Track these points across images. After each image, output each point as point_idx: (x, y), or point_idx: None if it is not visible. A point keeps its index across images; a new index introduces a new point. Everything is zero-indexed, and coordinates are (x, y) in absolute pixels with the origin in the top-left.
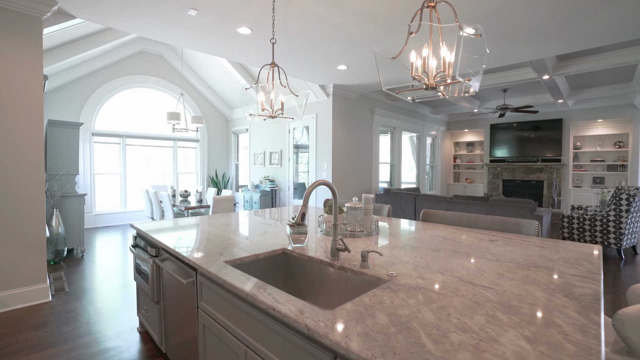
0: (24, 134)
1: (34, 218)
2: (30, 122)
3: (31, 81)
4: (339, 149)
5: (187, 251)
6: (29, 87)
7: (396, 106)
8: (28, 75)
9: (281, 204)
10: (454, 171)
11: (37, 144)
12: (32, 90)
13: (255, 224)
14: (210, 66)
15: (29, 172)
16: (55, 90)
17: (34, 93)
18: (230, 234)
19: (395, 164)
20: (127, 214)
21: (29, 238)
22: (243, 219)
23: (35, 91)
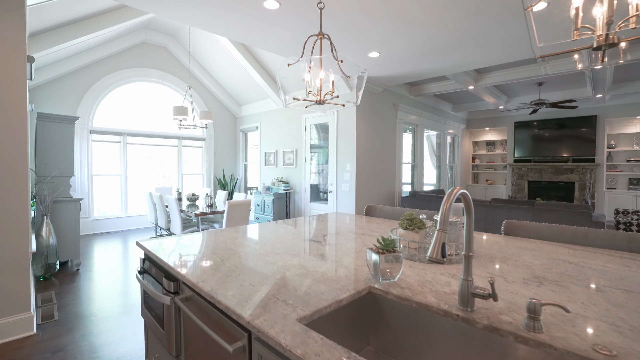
0: (1, 127)
1: (15, 232)
2: (9, 111)
3: (11, 59)
4: (363, 147)
5: (228, 294)
6: (7, 67)
7: (419, 102)
8: (6, 51)
9: (296, 207)
10: (472, 172)
11: (18, 139)
12: (12, 71)
13: (299, 241)
14: (218, 59)
15: (8, 175)
16: (49, 84)
17: (14, 75)
18: (277, 259)
19: (418, 164)
20: (128, 219)
21: (8, 257)
22: (280, 234)
23: (17, 72)
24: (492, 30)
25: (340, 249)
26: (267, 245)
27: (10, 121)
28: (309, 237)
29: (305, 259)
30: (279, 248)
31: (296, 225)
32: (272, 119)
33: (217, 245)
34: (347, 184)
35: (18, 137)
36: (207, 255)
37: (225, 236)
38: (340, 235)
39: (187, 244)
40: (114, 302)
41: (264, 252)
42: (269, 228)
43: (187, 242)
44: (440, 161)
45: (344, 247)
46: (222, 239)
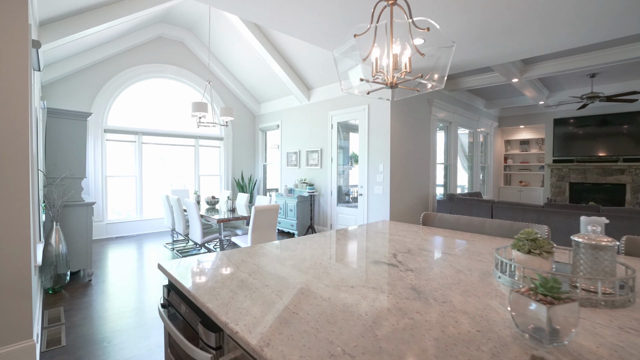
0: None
1: (13, 245)
2: (9, 102)
3: (7, 40)
4: (397, 147)
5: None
6: (6, 49)
7: (452, 97)
8: (5, 31)
9: (322, 211)
10: (504, 173)
11: (18, 136)
12: (12, 54)
13: (368, 264)
14: (237, 54)
15: (7, 177)
16: (62, 80)
17: (15, 59)
18: (357, 296)
19: (451, 164)
20: (143, 222)
21: (4, 275)
22: (337, 252)
23: (15, 56)
24: (563, 7)
25: (432, 279)
26: (329, 270)
27: (10, 115)
28: (376, 257)
29: (396, 295)
30: (348, 275)
31: (346, 239)
32: (294, 117)
33: (263, 271)
34: (379, 187)
35: (17, 134)
36: (258, 288)
37: (268, 257)
38: (416, 255)
39: (223, 268)
40: (129, 322)
41: (332, 283)
42: (317, 243)
43: (223, 264)
44: (473, 161)
45: (435, 275)
46: (266, 260)
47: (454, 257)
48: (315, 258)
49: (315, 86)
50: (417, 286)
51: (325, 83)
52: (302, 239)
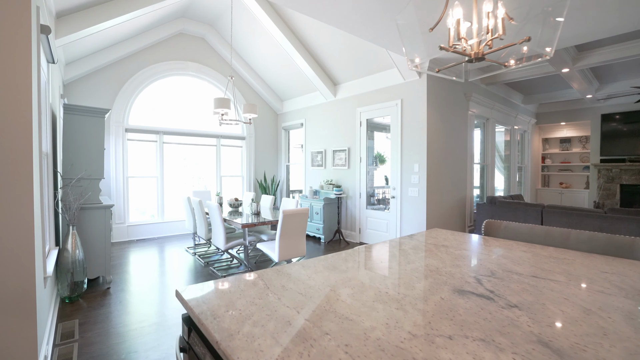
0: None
1: (14, 257)
2: (7, 94)
3: (8, 22)
4: (434, 145)
5: None
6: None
7: (489, 91)
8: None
9: (350, 215)
10: (542, 173)
11: (21, 132)
12: (11, 38)
13: (450, 294)
14: (259, 49)
15: (9, 178)
16: (82, 79)
17: (15, 44)
18: (464, 356)
19: (489, 165)
20: (164, 225)
21: (8, 295)
22: (405, 274)
23: (19, 40)
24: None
25: (558, 325)
26: (404, 305)
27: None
28: (455, 282)
29: (523, 356)
30: (434, 314)
31: (403, 254)
32: (319, 114)
33: (316, 305)
34: (414, 189)
35: (17, 130)
36: (316, 339)
37: (316, 281)
38: (507, 280)
39: (261, 300)
40: (147, 341)
41: (418, 329)
42: (370, 261)
43: (259, 294)
44: (511, 161)
45: (556, 317)
46: (315, 288)
47: (559, 284)
48: (376, 284)
49: (341, 81)
50: (544, 338)
51: (353, 78)
52: (349, 254)
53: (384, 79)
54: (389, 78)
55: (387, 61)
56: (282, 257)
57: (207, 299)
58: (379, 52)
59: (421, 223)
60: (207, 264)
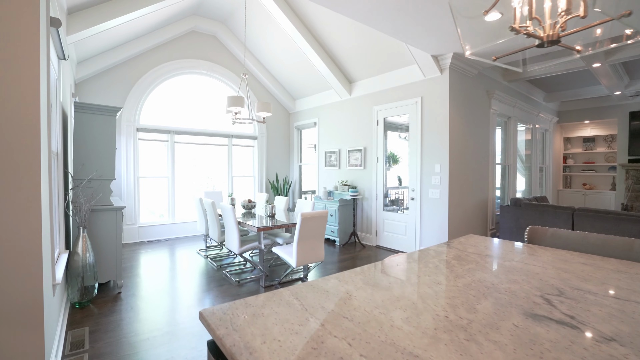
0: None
1: (20, 266)
2: (13, 89)
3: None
4: (456, 145)
5: None
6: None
7: (511, 89)
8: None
9: (366, 217)
10: (564, 174)
11: (28, 130)
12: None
13: (526, 321)
14: (272, 46)
15: (9, 181)
16: (94, 78)
17: (25, 31)
18: None
19: (510, 165)
20: (175, 226)
21: (8, 304)
22: (464, 292)
23: (28, 28)
24: None
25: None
26: (475, 335)
27: (9, 104)
28: (521, 303)
29: None
30: (517, 349)
31: (448, 266)
32: (333, 113)
33: (368, 334)
34: (435, 190)
35: (24, 128)
36: None
37: (359, 300)
38: (581, 301)
39: (301, 326)
40: (159, 353)
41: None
42: (413, 274)
43: (296, 316)
44: (532, 162)
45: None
46: (359, 309)
47: None
48: (431, 305)
49: (357, 79)
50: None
51: (369, 75)
52: (387, 265)
53: (403, 76)
54: (408, 75)
55: (406, 57)
56: (299, 263)
57: (238, 326)
58: (398, 48)
59: (442, 227)
60: (220, 268)
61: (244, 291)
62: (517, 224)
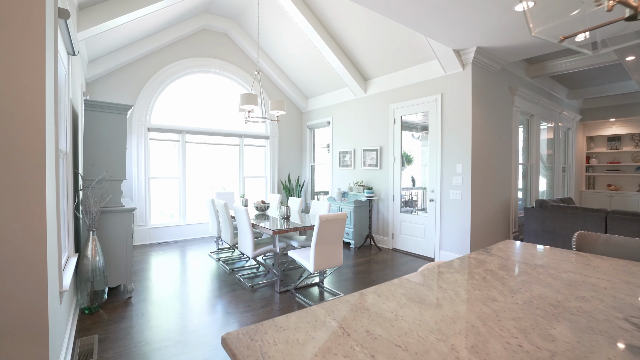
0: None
1: (27, 275)
2: (19, 82)
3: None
4: (479, 144)
5: None
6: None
7: (534, 85)
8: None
9: (382, 219)
10: (587, 174)
11: (33, 124)
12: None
13: None
14: (285, 44)
15: (12, 182)
16: (105, 77)
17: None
18: None
19: (533, 165)
20: (186, 227)
21: (16, 316)
22: (549, 307)
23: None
24: None
25: None
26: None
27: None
28: (605, 328)
29: None
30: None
31: (498, 279)
32: (347, 112)
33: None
34: (457, 191)
35: (30, 125)
36: None
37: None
38: None
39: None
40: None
41: None
42: (462, 288)
43: (340, 350)
44: (554, 161)
45: None
46: (411, 334)
47: None
48: (495, 329)
49: (373, 76)
50: None
51: (386, 72)
52: (427, 276)
53: (422, 73)
54: (427, 71)
55: (425, 52)
56: (317, 268)
57: (271, 357)
58: (417, 43)
59: (464, 229)
60: (232, 271)
61: (257, 297)
62: (542, 227)
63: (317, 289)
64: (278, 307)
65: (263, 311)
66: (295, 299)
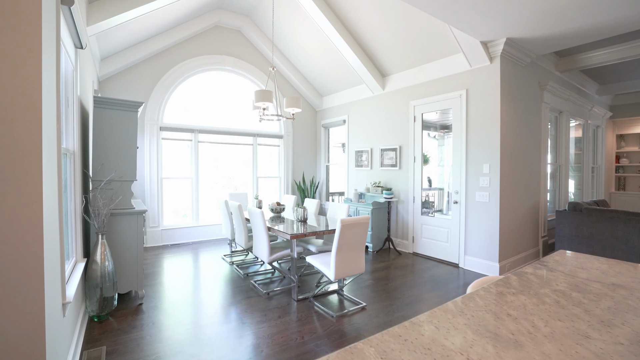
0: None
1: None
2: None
3: None
4: (508, 143)
5: None
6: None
7: (563, 79)
8: None
9: (402, 222)
10: (616, 175)
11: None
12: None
13: None
14: (299, 40)
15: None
16: (116, 76)
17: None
18: None
19: (562, 165)
20: (199, 229)
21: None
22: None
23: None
24: None
25: None
26: None
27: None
28: None
29: None
30: None
31: (580, 305)
32: (364, 110)
33: None
34: (484, 193)
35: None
36: None
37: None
38: None
39: None
40: None
41: None
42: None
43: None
44: (583, 161)
45: None
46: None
47: None
48: None
49: (391, 72)
50: None
51: (406, 67)
52: (484, 298)
53: (445, 67)
54: (451, 65)
55: (449, 45)
56: (338, 275)
57: None
58: (440, 36)
59: (492, 234)
60: (247, 276)
61: (274, 305)
62: (577, 232)
63: (336, 297)
64: (296, 318)
65: (280, 322)
66: (314, 308)
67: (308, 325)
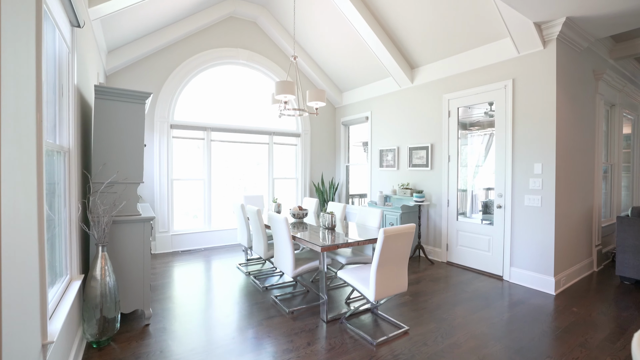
0: None
1: None
2: None
3: None
4: (563, 140)
5: None
6: None
7: (616, 68)
8: None
9: (434, 227)
10: None
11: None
12: None
13: None
14: (319, 31)
15: None
16: (126, 69)
17: None
18: None
19: (615, 164)
20: (211, 234)
21: None
22: None
23: None
24: None
25: None
26: None
27: None
28: None
29: None
30: None
31: None
32: (390, 105)
33: None
34: (534, 196)
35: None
36: None
37: None
38: None
39: None
40: None
41: None
42: None
43: None
44: (633, 160)
45: None
46: None
47: None
48: None
49: (422, 63)
50: None
51: (438, 58)
52: None
53: (486, 55)
54: (493, 53)
55: (492, 30)
56: (379, 296)
57: None
58: (483, 19)
59: (545, 243)
60: (266, 289)
61: (299, 327)
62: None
63: (370, 317)
64: (328, 345)
65: (311, 351)
66: (348, 332)
67: (345, 356)
